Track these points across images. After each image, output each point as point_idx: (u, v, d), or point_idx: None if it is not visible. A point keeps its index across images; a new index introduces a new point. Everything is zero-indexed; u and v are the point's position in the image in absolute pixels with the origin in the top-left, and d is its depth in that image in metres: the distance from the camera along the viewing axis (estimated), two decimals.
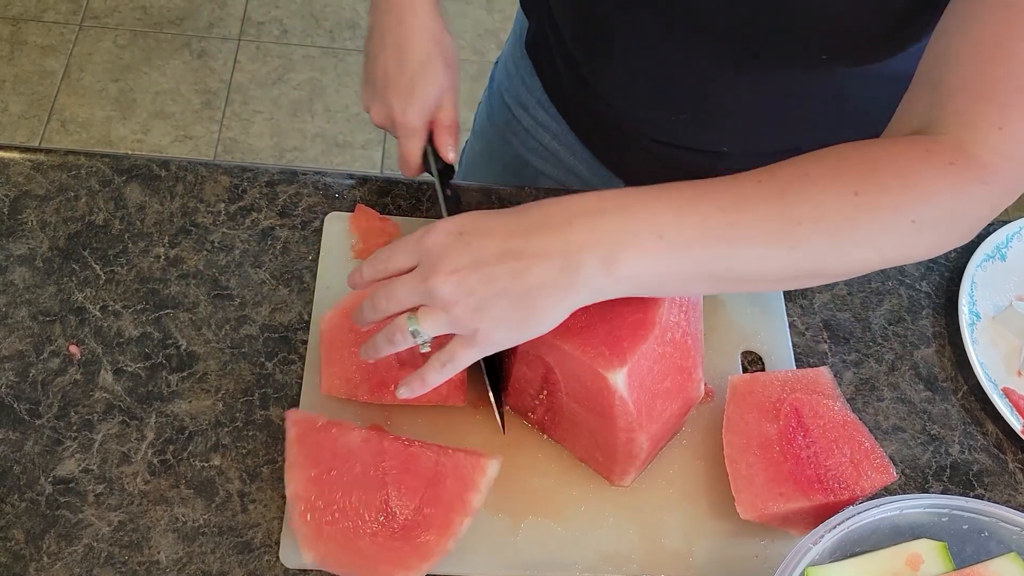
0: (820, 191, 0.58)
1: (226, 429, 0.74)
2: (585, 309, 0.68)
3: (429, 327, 0.60)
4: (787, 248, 0.58)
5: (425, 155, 0.81)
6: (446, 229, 0.59)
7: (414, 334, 0.60)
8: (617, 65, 0.84)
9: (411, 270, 0.60)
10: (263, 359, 0.77)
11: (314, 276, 0.82)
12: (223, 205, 0.85)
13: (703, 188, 0.59)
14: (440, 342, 0.62)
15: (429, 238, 0.59)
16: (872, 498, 0.70)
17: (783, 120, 0.83)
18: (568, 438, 0.74)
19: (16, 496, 0.70)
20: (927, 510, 0.67)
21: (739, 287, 0.61)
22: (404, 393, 0.64)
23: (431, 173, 0.81)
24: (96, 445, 0.72)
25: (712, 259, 0.58)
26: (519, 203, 0.88)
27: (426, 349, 0.62)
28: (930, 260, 0.91)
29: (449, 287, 0.58)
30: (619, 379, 0.65)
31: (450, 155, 0.80)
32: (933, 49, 0.63)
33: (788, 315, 0.85)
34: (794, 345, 0.84)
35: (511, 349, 0.72)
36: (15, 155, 0.86)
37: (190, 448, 0.73)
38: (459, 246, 0.58)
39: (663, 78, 0.83)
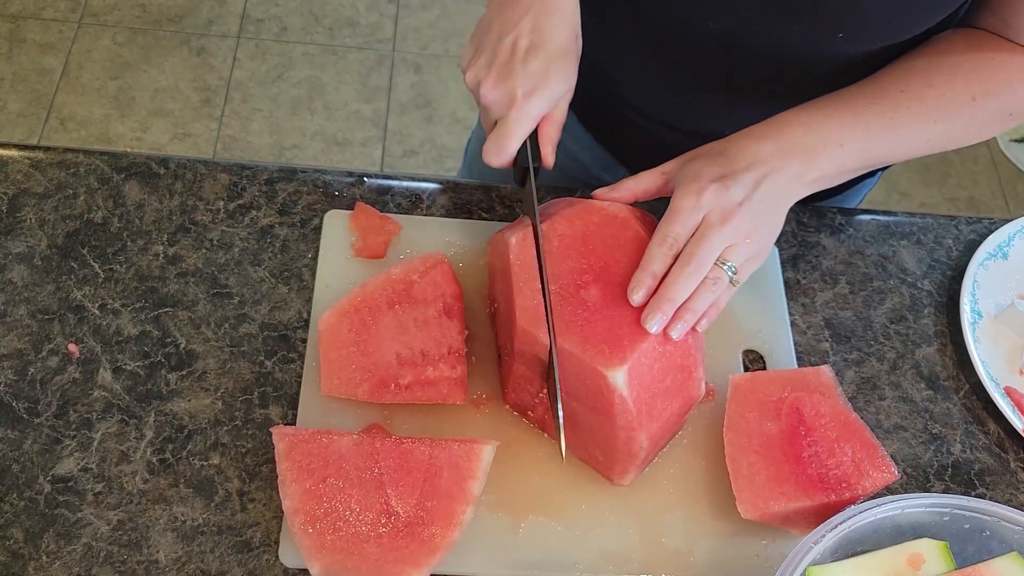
0: (946, 99, 0.74)
1: (225, 428, 0.74)
2: (585, 307, 0.68)
3: (740, 257, 0.69)
4: (923, 143, 0.75)
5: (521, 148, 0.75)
6: (705, 186, 0.69)
7: (729, 270, 0.69)
8: (623, 48, 0.85)
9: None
10: (262, 358, 0.77)
11: (313, 274, 0.81)
12: (222, 203, 0.85)
13: (863, 100, 0.74)
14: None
15: (703, 198, 0.68)
16: (873, 497, 0.69)
17: (792, 103, 0.84)
18: (568, 437, 0.74)
19: (15, 495, 0.70)
20: (928, 509, 0.67)
21: (878, 166, 0.79)
22: (675, 331, 0.68)
23: (520, 166, 0.75)
24: (95, 444, 0.72)
25: (874, 155, 0.74)
26: (520, 201, 0.88)
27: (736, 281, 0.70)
28: (932, 259, 0.91)
29: (746, 219, 0.68)
30: (619, 377, 0.65)
31: (550, 157, 0.75)
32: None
33: (790, 313, 0.85)
34: (795, 344, 0.84)
35: (511, 348, 0.71)
36: (14, 153, 0.85)
37: (189, 447, 0.73)
38: (724, 190, 0.69)
39: (668, 60, 0.84)
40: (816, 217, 0.92)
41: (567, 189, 0.90)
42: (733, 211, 0.68)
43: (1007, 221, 0.92)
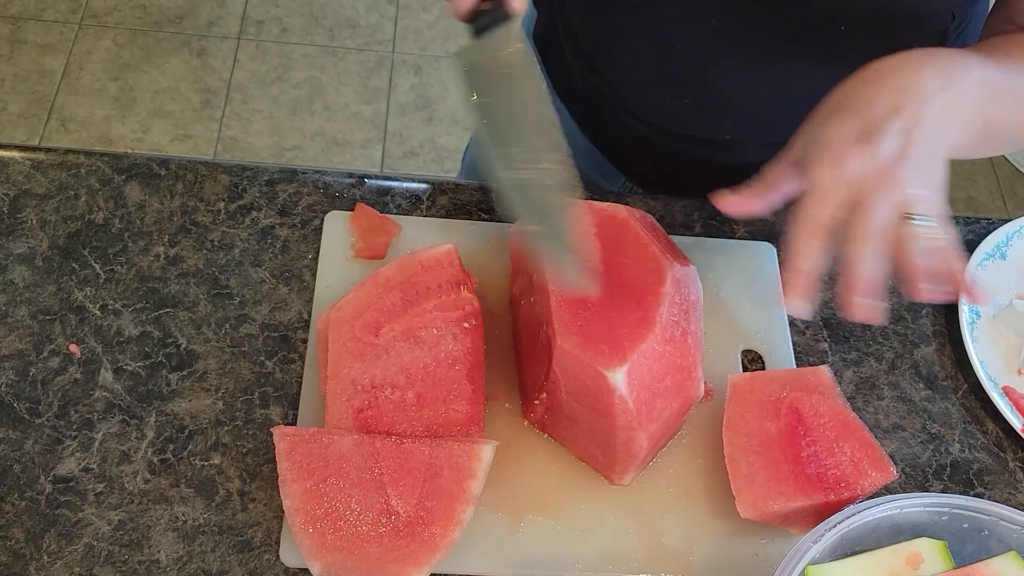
0: None
1: (226, 428, 0.74)
2: (585, 307, 0.68)
3: (931, 208, 0.58)
4: None
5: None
6: (845, 151, 0.57)
7: (929, 225, 0.58)
8: (625, 47, 0.84)
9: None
10: (263, 358, 0.77)
11: (314, 275, 0.82)
12: (223, 204, 0.85)
13: (983, 63, 0.64)
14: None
15: (848, 166, 0.56)
16: (872, 497, 0.70)
17: (789, 111, 0.83)
18: (568, 437, 0.74)
19: (16, 495, 0.70)
20: (927, 509, 0.67)
21: (1002, 136, 0.68)
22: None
23: (474, 23, 0.67)
24: (96, 444, 0.72)
25: (1006, 113, 0.65)
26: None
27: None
28: None
29: (911, 172, 0.57)
30: (619, 378, 0.65)
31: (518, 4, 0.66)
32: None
33: (788, 314, 0.85)
34: (794, 344, 0.84)
35: (518, 347, 0.71)
36: (15, 154, 0.86)
37: (190, 447, 0.73)
38: (870, 149, 0.57)
39: (670, 61, 0.83)
40: None
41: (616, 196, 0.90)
42: (892, 169, 0.57)
43: (1005, 221, 0.92)
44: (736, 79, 0.82)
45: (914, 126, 0.58)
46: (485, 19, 0.66)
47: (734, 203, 0.63)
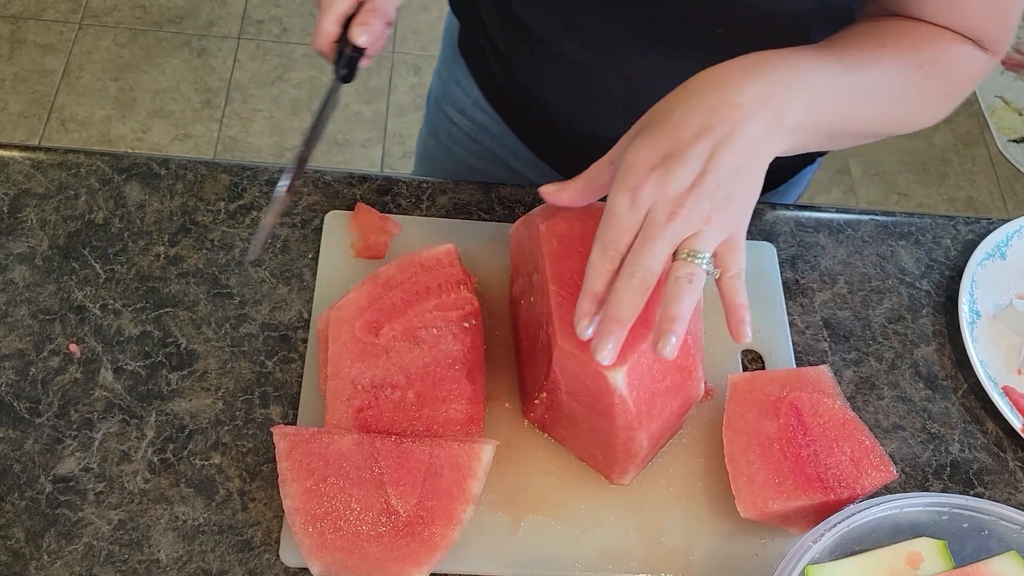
0: (899, 62, 0.68)
1: (226, 428, 0.74)
2: None
3: (708, 245, 0.58)
4: (884, 106, 0.68)
5: (342, 39, 0.74)
6: (643, 176, 0.58)
7: (702, 262, 0.58)
8: (541, 59, 0.82)
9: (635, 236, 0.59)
10: (263, 358, 0.77)
11: (314, 275, 0.82)
12: (223, 204, 0.85)
13: (818, 52, 0.65)
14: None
15: (641, 193, 0.58)
16: (872, 496, 0.70)
17: None
18: (568, 437, 0.74)
19: (16, 495, 0.70)
20: (927, 508, 0.67)
21: (840, 134, 0.68)
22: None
23: (339, 62, 0.75)
24: (96, 444, 0.72)
25: (839, 111, 0.65)
26: (520, 201, 0.88)
27: (714, 271, 0.60)
28: (930, 259, 0.91)
29: (700, 204, 0.57)
30: (618, 378, 0.65)
31: (360, 37, 0.72)
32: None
33: (788, 313, 0.85)
34: (794, 344, 0.84)
35: (518, 347, 0.71)
36: (15, 154, 0.86)
37: (190, 447, 0.73)
38: (666, 176, 0.57)
39: (590, 71, 0.81)
40: (815, 217, 0.92)
41: None
42: (680, 200, 0.57)
43: (1005, 221, 0.92)
44: (661, 82, 0.80)
45: (721, 147, 0.58)
46: (344, 61, 0.74)
47: (554, 194, 0.65)
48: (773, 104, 0.60)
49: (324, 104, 0.75)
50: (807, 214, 0.92)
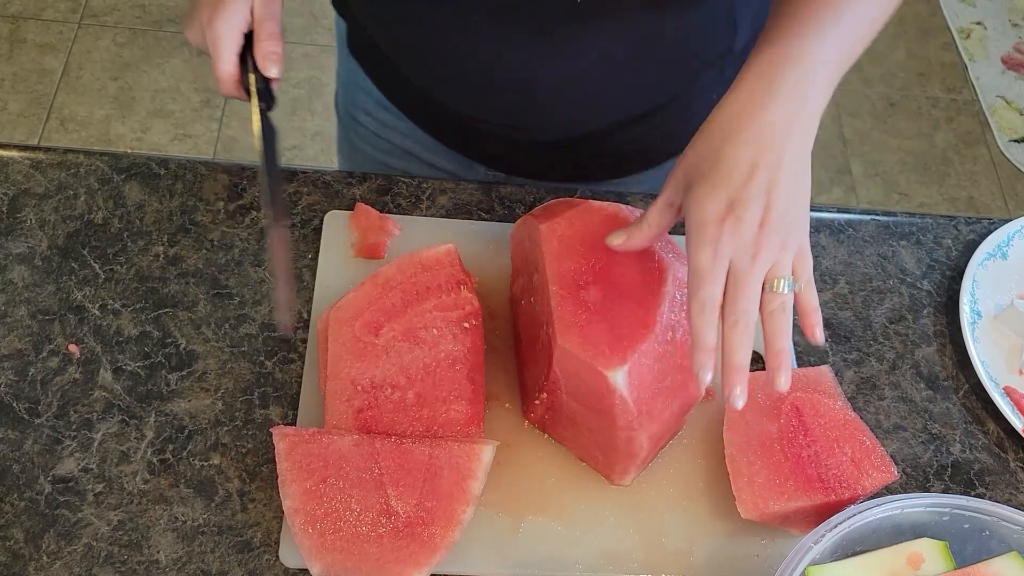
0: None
1: (226, 428, 0.74)
2: (585, 308, 0.68)
3: (787, 268, 0.63)
4: (866, 27, 0.69)
5: (244, 72, 0.73)
6: (717, 229, 0.61)
7: (786, 286, 0.63)
8: (426, 60, 0.82)
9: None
10: (263, 358, 0.77)
11: (314, 275, 0.81)
12: (222, 204, 0.85)
13: (810, 7, 0.66)
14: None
15: (721, 247, 0.61)
16: (873, 497, 0.70)
17: (609, 76, 0.82)
18: (568, 437, 0.74)
19: (15, 495, 0.70)
20: (928, 509, 0.67)
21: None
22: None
23: (248, 92, 0.73)
24: (95, 444, 0.72)
25: (845, 59, 0.68)
26: (520, 201, 0.88)
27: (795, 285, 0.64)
28: (931, 259, 0.91)
29: (773, 239, 0.61)
30: (619, 378, 0.65)
31: (271, 70, 0.72)
32: None
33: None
34: (795, 344, 0.84)
35: (518, 347, 0.71)
36: (14, 153, 0.86)
37: (189, 447, 0.73)
38: (738, 225, 0.61)
39: (472, 66, 0.80)
40: (816, 217, 0.92)
41: (567, 190, 0.90)
42: (757, 242, 0.61)
43: (1006, 221, 0.92)
44: (544, 67, 0.79)
45: (775, 176, 0.62)
46: (262, 95, 0.73)
47: (624, 244, 0.68)
48: (803, 111, 0.63)
49: (264, 141, 0.74)
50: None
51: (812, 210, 0.92)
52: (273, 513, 0.70)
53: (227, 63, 0.71)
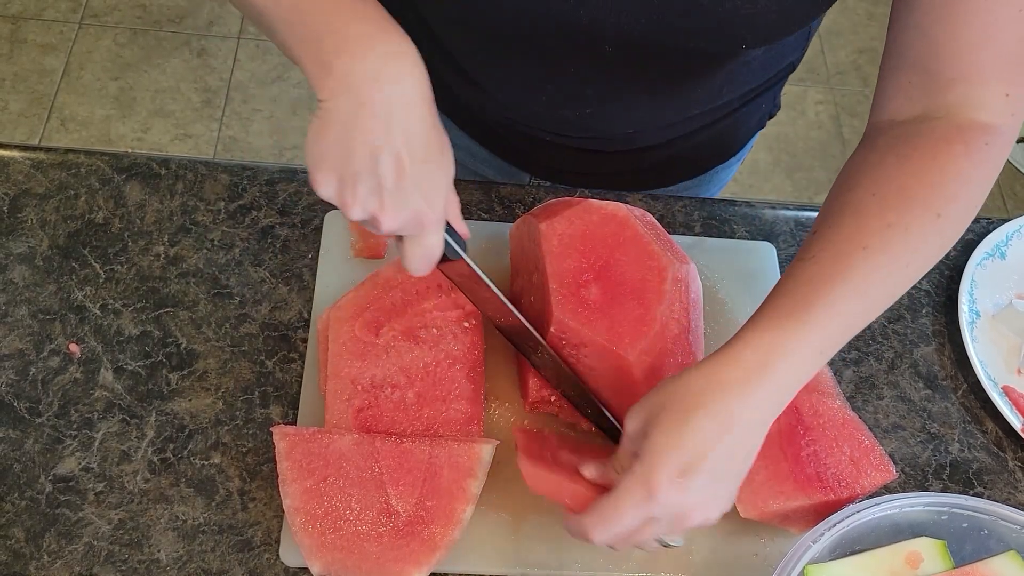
0: (912, 232, 0.63)
1: (226, 427, 0.74)
2: (585, 305, 0.69)
3: (682, 529, 0.62)
4: (900, 290, 0.65)
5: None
6: (655, 484, 0.59)
7: (669, 544, 0.64)
8: (516, 76, 0.81)
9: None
10: (263, 357, 0.77)
11: (314, 275, 0.82)
12: (223, 203, 0.85)
13: (829, 282, 0.62)
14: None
15: (659, 498, 0.59)
16: (872, 496, 0.70)
17: (685, 97, 0.83)
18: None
19: (16, 494, 0.70)
20: (927, 508, 0.67)
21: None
22: None
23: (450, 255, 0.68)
24: (96, 443, 0.72)
25: (853, 329, 0.64)
26: (520, 201, 0.88)
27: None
28: None
29: (700, 508, 0.61)
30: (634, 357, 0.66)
31: (465, 229, 0.68)
32: (908, 34, 0.66)
33: None
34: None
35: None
36: (15, 153, 0.86)
37: (190, 446, 0.73)
38: (680, 491, 0.59)
39: (563, 84, 0.80)
40: (815, 217, 0.92)
41: (567, 190, 0.90)
42: (686, 515, 0.61)
43: (1005, 221, 0.92)
44: (629, 82, 0.79)
45: (731, 455, 0.60)
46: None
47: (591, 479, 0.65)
48: (776, 405, 0.61)
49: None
50: (807, 214, 0.92)
51: (812, 210, 0.93)
52: (273, 512, 0.71)
53: (440, 248, 0.65)
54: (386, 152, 0.58)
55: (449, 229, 0.65)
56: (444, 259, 0.66)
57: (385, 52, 0.58)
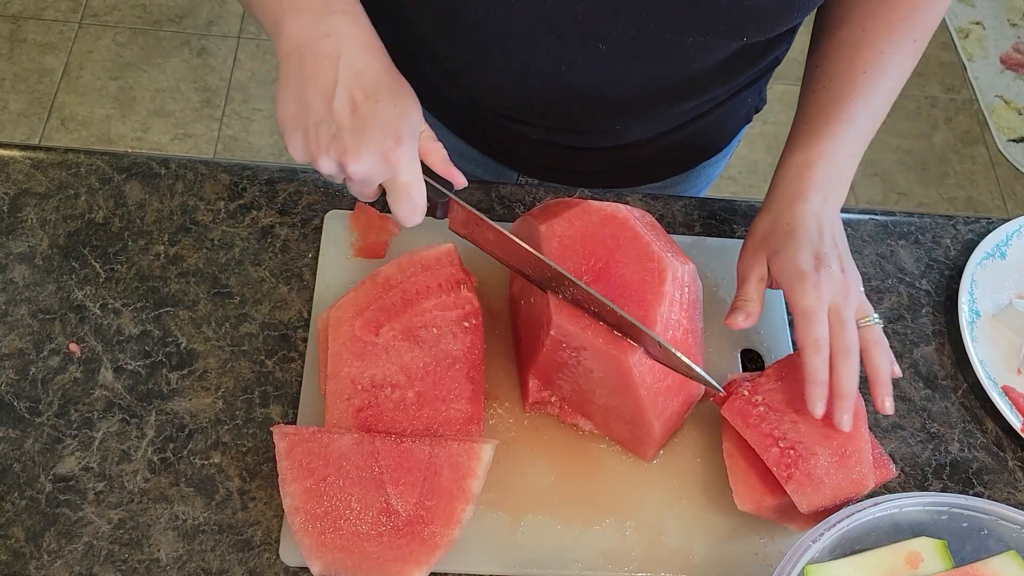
0: (900, 55, 0.78)
1: (226, 427, 0.74)
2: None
3: (869, 306, 0.74)
4: (889, 102, 0.80)
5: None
6: (815, 276, 0.70)
7: (875, 320, 0.73)
8: (499, 71, 0.81)
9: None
10: (263, 357, 0.77)
11: (314, 274, 0.82)
12: (223, 203, 0.85)
13: (846, 101, 0.77)
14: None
15: (822, 290, 0.70)
16: (871, 496, 0.70)
17: (659, 92, 0.83)
18: (594, 414, 0.74)
19: (16, 494, 0.70)
20: (927, 508, 0.67)
21: None
22: (889, 405, 0.72)
23: (433, 202, 0.69)
24: (96, 443, 0.72)
25: (868, 139, 0.79)
26: (520, 201, 0.88)
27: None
28: (930, 259, 0.91)
29: (853, 281, 0.73)
30: (634, 360, 0.66)
31: (459, 177, 0.70)
32: None
33: (788, 313, 0.85)
34: (794, 343, 0.84)
35: (541, 344, 0.71)
36: (15, 153, 0.86)
37: (190, 446, 0.73)
38: (829, 272, 0.71)
39: (550, 78, 0.80)
40: None
41: (565, 190, 0.90)
42: (844, 283, 0.71)
43: (1005, 221, 0.92)
44: (622, 79, 0.80)
45: (836, 233, 0.74)
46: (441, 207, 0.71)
47: (741, 323, 0.74)
48: (837, 189, 0.76)
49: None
50: None
51: None
52: (273, 512, 0.71)
53: (421, 191, 0.66)
54: (338, 92, 0.62)
55: (436, 176, 0.68)
56: (440, 212, 0.69)
57: (334, 10, 0.62)
